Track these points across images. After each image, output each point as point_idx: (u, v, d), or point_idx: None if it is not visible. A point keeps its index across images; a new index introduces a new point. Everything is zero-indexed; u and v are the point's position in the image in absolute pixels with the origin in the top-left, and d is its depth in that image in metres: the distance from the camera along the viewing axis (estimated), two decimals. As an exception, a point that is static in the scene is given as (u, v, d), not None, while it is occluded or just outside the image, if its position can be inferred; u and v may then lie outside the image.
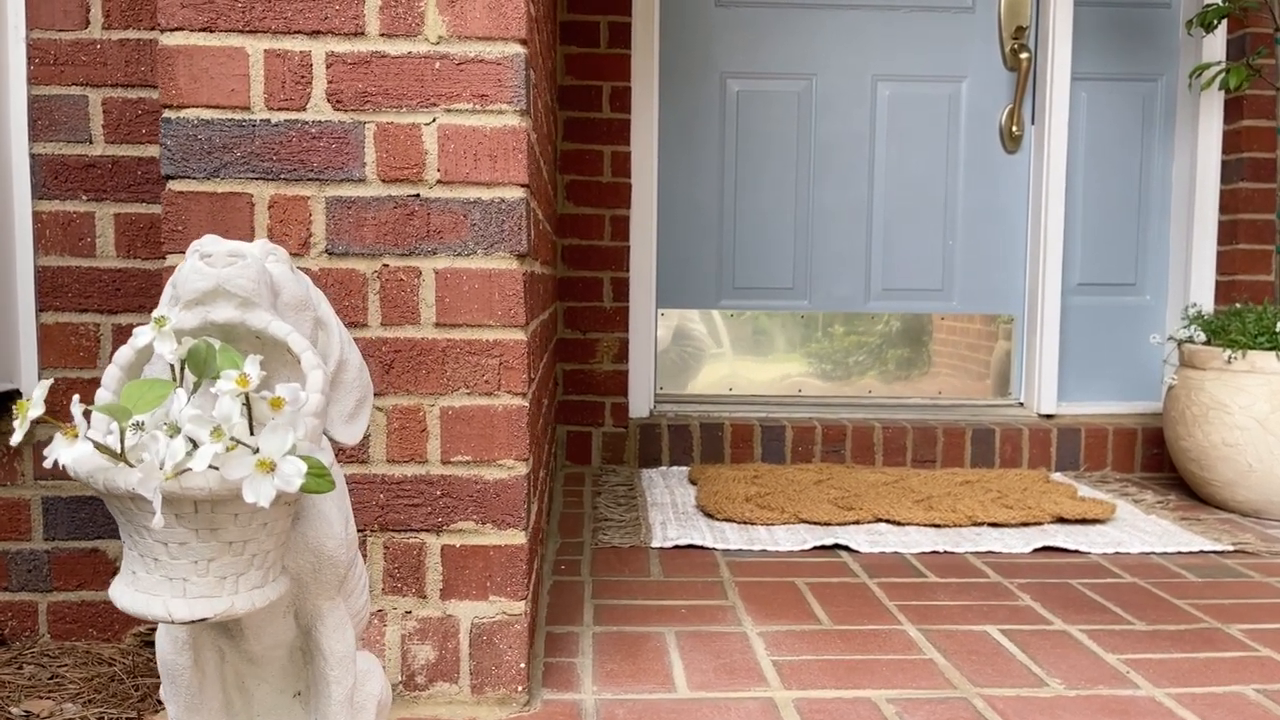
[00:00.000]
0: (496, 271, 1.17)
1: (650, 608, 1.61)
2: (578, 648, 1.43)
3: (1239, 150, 2.75)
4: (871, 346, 2.92)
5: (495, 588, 1.20)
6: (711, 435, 2.70)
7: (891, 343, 2.92)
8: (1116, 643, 1.48)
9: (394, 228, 1.17)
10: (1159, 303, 2.93)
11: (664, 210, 2.85)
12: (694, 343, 2.89)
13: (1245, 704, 1.27)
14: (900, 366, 2.92)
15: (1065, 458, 2.72)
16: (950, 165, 2.89)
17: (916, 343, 2.92)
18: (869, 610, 1.61)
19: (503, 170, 1.17)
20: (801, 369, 2.92)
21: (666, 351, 2.89)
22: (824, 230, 2.90)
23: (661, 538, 2.00)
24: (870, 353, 2.92)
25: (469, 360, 1.18)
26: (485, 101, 1.16)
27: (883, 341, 2.92)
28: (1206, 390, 2.26)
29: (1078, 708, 1.25)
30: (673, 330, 2.89)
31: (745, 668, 1.37)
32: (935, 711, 1.24)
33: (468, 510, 1.19)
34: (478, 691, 1.21)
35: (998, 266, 2.92)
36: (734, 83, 2.85)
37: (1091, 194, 2.90)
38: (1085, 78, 2.86)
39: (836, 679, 1.34)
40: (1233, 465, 2.21)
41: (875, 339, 2.92)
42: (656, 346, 2.87)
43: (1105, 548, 1.98)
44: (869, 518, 2.14)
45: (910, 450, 2.70)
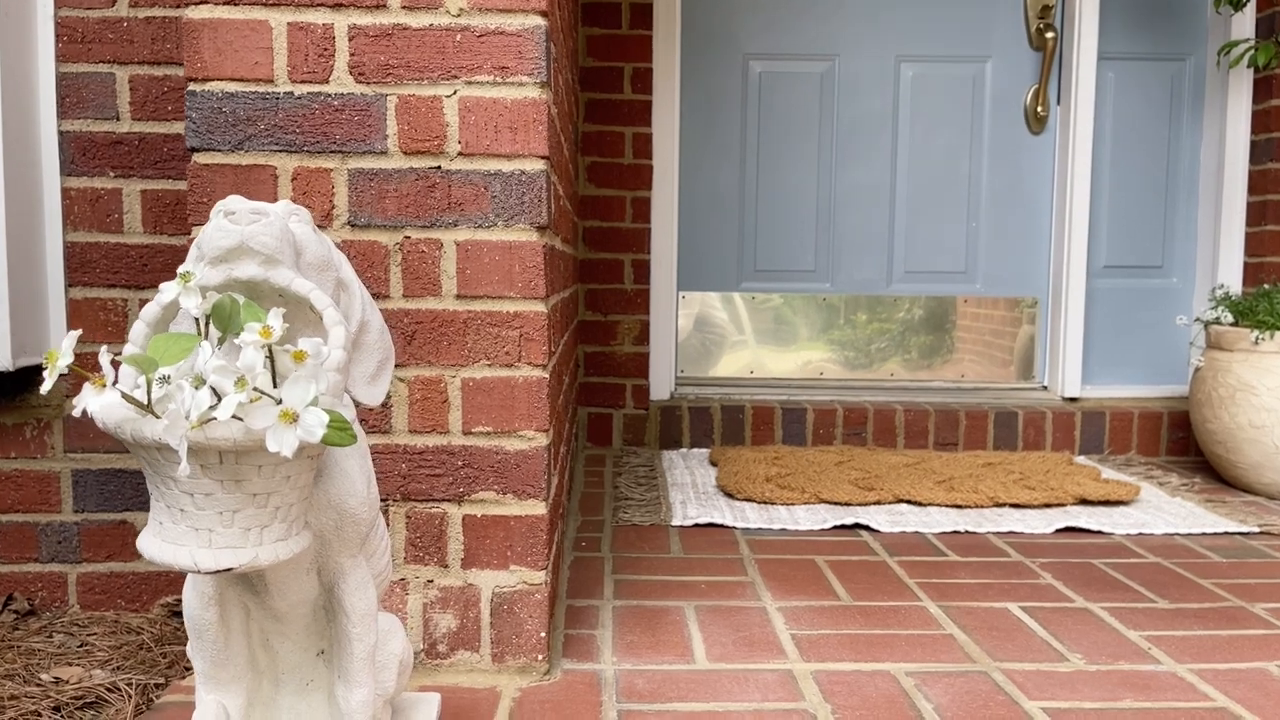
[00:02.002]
0: (517, 244, 1.18)
1: (670, 583, 1.62)
2: (598, 620, 1.44)
3: (1269, 130, 2.71)
4: (893, 330, 2.91)
5: (516, 557, 1.21)
6: (732, 417, 2.70)
7: (914, 326, 2.91)
8: (1139, 620, 1.47)
9: (415, 200, 1.17)
10: (1186, 285, 2.90)
11: (685, 192, 2.85)
12: (715, 326, 2.89)
13: (1269, 680, 1.26)
14: (922, 350, 2.91)
15: (1089, 441, 2.70)
16: (974, 146, 2.87)
17: (939, 326, 2.91)
18: (889, 587, 1.61)
19: (523, 142, 1.17)
20: (823, 352, 2.91)
21: (687, 334, 2.89)
22: (846, 212, 2.88)
23: (682, 516, 2.01)
24: (892, 336, 2.91)
25: (490, 332, 1.18)
26: (506, 73, 1.17)
27: (905, 325, 2.91)
28: (1233, 372, 2.23)
29: (1098, 682, 1.25)
30: (694, 313, 2.89)
31: (764, 641, 1.37)
32: (954, 684, 1.24)
33: (488, 480, 1.20)
34: (498, 660, 1.22)
35: (1022, 249, 2.89)
36: (756, 64, 2.84)
37: (1118, 175, 2.86)
38: (1112, 57, 2.83)
39: (856, 652, 1.34)
40: (1259, 447, 2.19)
41: (897, 322, 2.91)
42: (677, 329, 2.88)
43: (1128, 529, 1.96)
44: (890, 498, 2.14)
45: (932, 433, 2.69)
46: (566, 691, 1.20)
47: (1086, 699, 1.20)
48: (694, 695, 1.20)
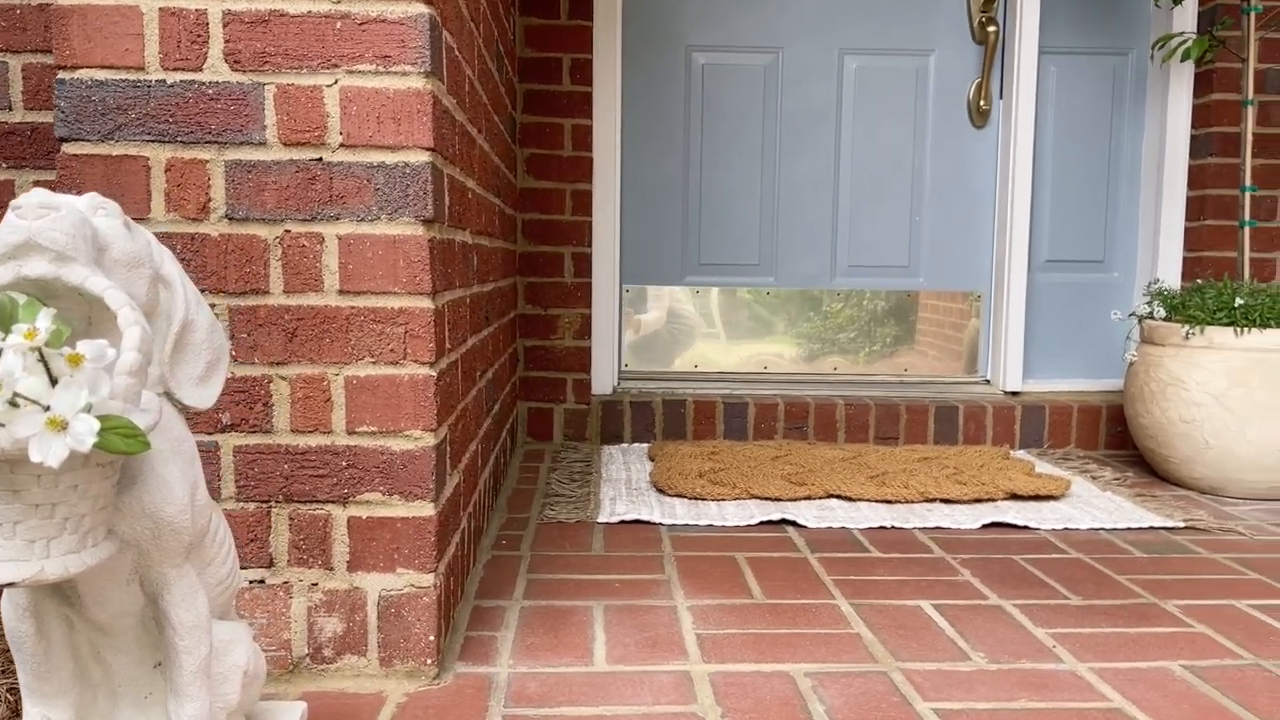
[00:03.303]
0: (401, 238, 1.15)
1: (584, 582, 1.60)
2: (502, 621, 1.42)
3: (1208, 125, 2.72)
4: (838, 324, 2.90)
5: (403, 560, 1.18)
6: (674, 412, 2.68)
7: (858, 320, 2.90)
8: (1048, 618, 1.46)
9: (296, 192, 1.14)
10: (1127, 280, 2.91)
11: (627, 185, 2.82)
12: (659, 319, 2.87)
13: (1169, 679, 1.25)
14: (867, 344, 2.90)
15: (1029, 435, 2.70)
16: (918, 140, 2.86)
17: (883, 320, 2.90)
18: (804, 585, 1.60)
19: (407, 133, 1.14)
20: (767, 346, 2.89)
21: (631, 328, 2.87)
22: (790, 206, 2.86)
23: (609, 513, 1.98)
24: (836, 330, 2.90)
25: (374, 328, 1.15)
26: (388, 63, 1.13)
27: (849, 319, 2.90)
28: (1165, 367, 2.23)
29: (996, 681, 1.24)
30: (637, 307, 2.86)
31: (668, 641, 1.35)
32: (851, 684, 1.23)
33: (374, 481, 1.17)
34: (386, 664, 1.19)
35: (965, 243, 2.89)
36: (699, 55, 2.82)
37: (1060, 169, 2.86)
38: (1054, 51, 2.82)
39: (758, 653, 1.32)
40: (1190, 442, 2.19)
41: (841, 316, 2.89)
42: (620, 323, 2.85)
43: (1055, 524, 1.96)
44: (820, 493, 2.13)
45: (873, 427, 2.68)
46: (454, 696, 1.18)
47: (981, 699, 1.19)
48: (585, 699, 1.18)
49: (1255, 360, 2.10)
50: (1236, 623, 1.45)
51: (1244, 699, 1.19)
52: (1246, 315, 2.12)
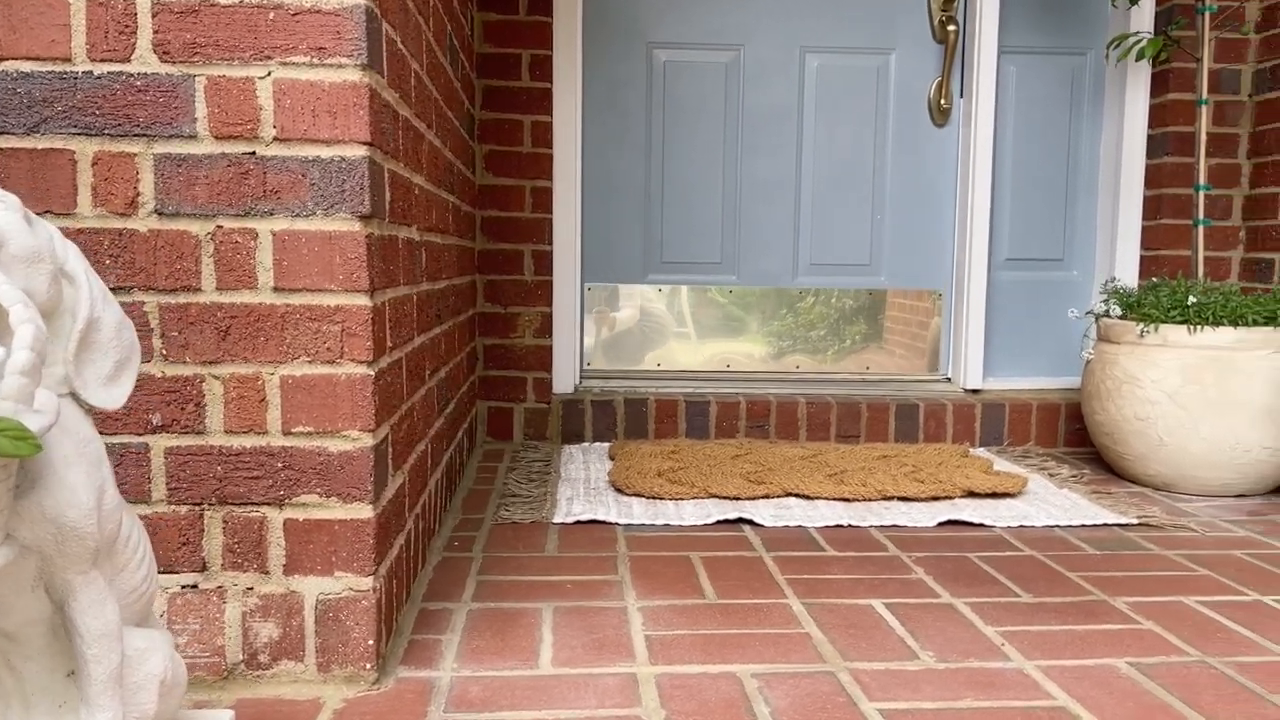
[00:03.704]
0: (338, 234, 1.12)
1: (535, 583, 1.58)
2: (448, 624, 1.39)
3: (1164, 124, 2.74)
4: (800, 322, 2.89)
5: (341, 563, 1.16)
6: (636, 411, 2.67)
7: (820, 319, 2.90)
8: (999, 615, 1.46)
9: (228, 187, 1.11)
10: (1086, 278, 2.93)
11: (589, 182, 2.80)
12: (621, 318, 2.85)
13: (1114, 676, 1.25)
14: (829, 342, 2.90)
15: (989, 433, 2.71)
16: (879, 139, 2.86)
17: (848, 318, 2.90)
18: (757, 584, 1.59)
19: (343, 127, 1.11)
20: (729, 345, 2.89)
21: (592, 326, 2.85)
22: (752, 204, 2.86)
23: (565, 513, 1.97)
24: (799, 329, 2.89)
25: (309, 326, 1.13)
26: (323, 54, 1.11)
27: (811, 317, 2.89)
28: (1120, 364, 2.25)
29: (943, 680, 1.23)
30: (599, 305, 2.84)
31: (616, 643, 1.34)
32: (798, 685, 1.22)
33: (311, 483, 1.15)
34: (324, 670, 1.17)
35: (926, 242, 2.90)
36: (661, 52, 2.80)
37: (1020, 168, 2.88)
38: (1013, 51, 2.83)
39: (707, 654, 1.31)
40: (1144, 439, 2.21)
41: (804, 315, 2.89)
42: (582, 321, 2.83)
43: (1010, 521, 1.97)
44: (779, 492, 2.12)
45: (834, 426, 2.68)
46: (393, 701, 1.15)
47: (927, 699, 1.18)
48: (527, 702, 1.16)
49: (1208, 358, 2.12)
50: (1185, 620, 1.45)
51: (1188, 696, 1.20)
52: (1199, 313, 2.14)
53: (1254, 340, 2.10)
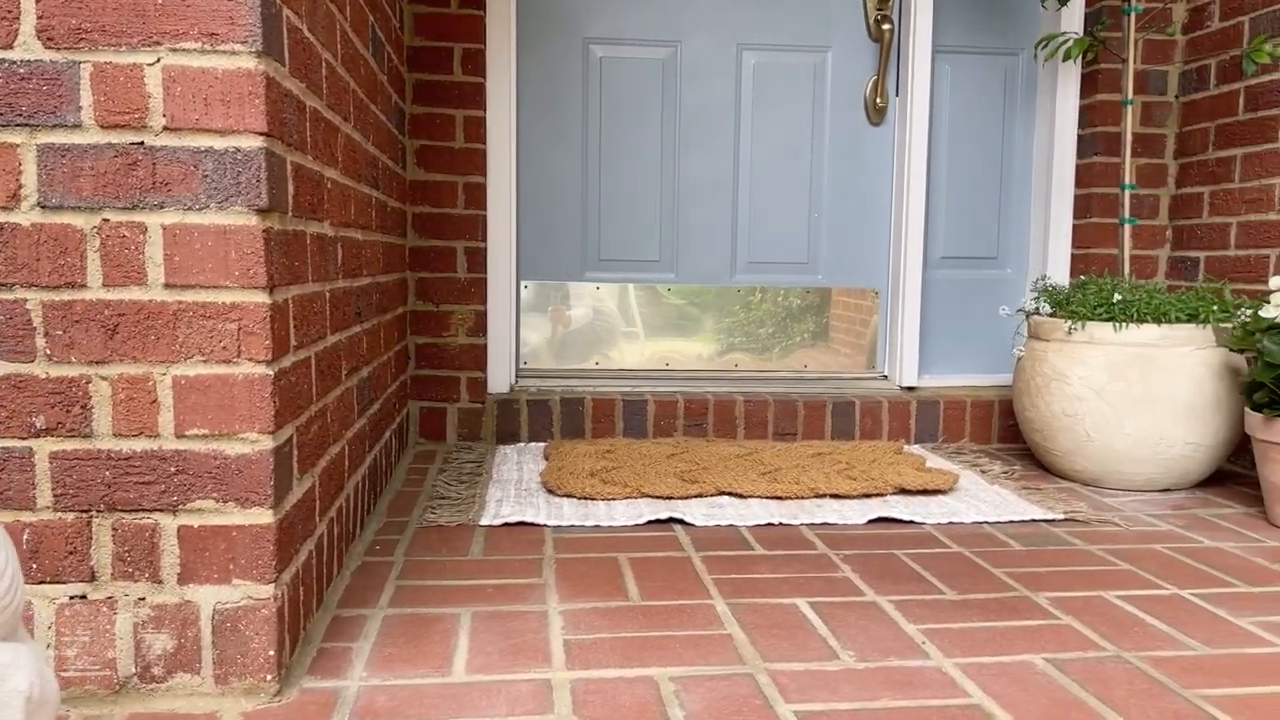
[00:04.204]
0: (233, 228, 1.08)
1: (456, 588, 1.54)
2: (361, 631, 1.35)
3: (1094, 124, 2.78)
4: (739, 320, 2.88)
5: (239, 571, 1.11)
6: (572, 410, 2.64)
7: (759, 317, 2.89)
8: (922, 613, 1.46)
9: (115, 179, 1.06)
10: (1020, 276, 2.96)
11: (524, 179, 2.77)
12: (558, 316, 2.82)
13: (1030, 673, 1.25)
14: (767, 340, 2.90)
15: (924, 430, 2.73)
16: (816, 137, 2.86)
17: (783, 317, 2.90)
18: (683, 585, 1.57)
19: (237, 117, 1.07)
20: (668, 343, 2.87)
21: (529, 325, 2.81)
22: (690, 202, 2.84)
23: (493, 515, 1.93)
24: (737, 327, 2.88)
25: (203, 325, 1.08)
26: (216, 40, 1.06)
27: (749, 316, 2.89)
28: (1049, 361, 2.27)
29: (861, 680, 1.22)
30: (536, 303, 2.81)
31: (533, 648, 1.31)
32: (715, 688, 1.20)
33: (206, 488, 1.10)
34: (222, 682, 1.13)
35: (863, 240, 2.90)
36: (597, 48, 2.77)
37: (954, 167, 2.90)
38: (947, 50, 2.85)
39: (625, 657, 1.29)
40: (1072, 435, 2.23)
41: (742, 313, 2.88)
42: (518, 320, 2.79)
43: (940, 518, 1.97)
44: (712, 491, 2.10)
45: (771, 424, 2.68)
46: (295, 713, 1.11)
47: (844, 699, 1.17)
48: (437, 711, 1.13)
49: (1133, 355, 2.14)
50: (1103, 614, 1.46)
51: (1102, 692, 1.20)
52: (1124, 311, 2.17)
53: (1177, 337, 2.13)
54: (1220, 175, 2.58)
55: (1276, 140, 2.39)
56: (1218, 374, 2.13)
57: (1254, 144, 2.46)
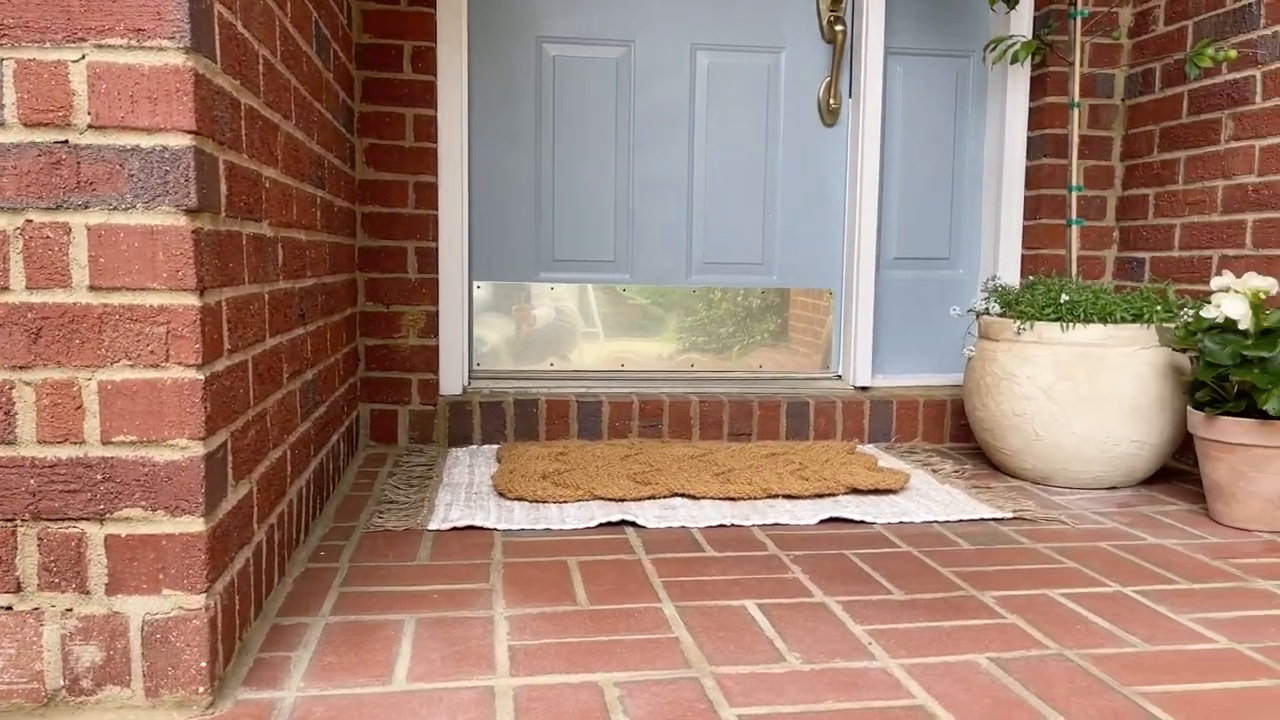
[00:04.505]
0: (160, 228, 1.05)
1: (401, 594, 1.52)
2: (301, 640, 1.33)
3: (1043, 127, 2.81)
4: (694, 321, 2.88)
5: (170, 581, 1.08)
6: (526, 412, 2.62)
7: (713, 317, 2.89)
8: (869, 614, 1.46)
9: (38, 178, 1.03)
10: (971, 276, 2.99)
11: (476, 178, 2.74)
12: (512, 317, 2.80)
13: (974, 673, 1.26)
14: (723, 341, 2.90)
15: (878, 429, 2.74)
16: (770, 138, 2.87)
17: (739, 317, 2.90)
18: (632, 588, 1.56)
19: (165, 115, 1.04)
20: (623, 344, 2.86)
21: (482, 326, 2.79)
22: (645, 202, 2.83)
23: (441, 519, 1.91)
24: (693, 327, 2.88)
25: (130, 328, 1.05)
26: (143, 36, 1.03)
27: (704, 316, 2.89)
28: (999, 361, 2.29)
29: (806, 682, 1.22)
30: (489, 304, 2.78)
31: (478, 655, 1.29)
32: (660, 693, 1.19)
33: (135, 496, 1.07)
34: (153, 694, 1.10)
35: (817, 241, 2.91)
36: (551, 47, 2.75)
37: (907, 168, 2.92)
38: (900, 52, 2.87)
39: (571, 663, 1.27)
40: (1021, 434, 2.25)
41: (698, 313, 2.88)
42: (470, 320, 2.77)
43: (891, 517, 1.98)
44: (665, 492, 2.10)
45: (726, 424, 2.68)
46: (229, 726, 1.09)
47: (789, 702, 1.17)
48: (375, 722, 1.11)
49: (1079, 354, 2.17)
50: (1047, 612, 1.47)
51: (1042, 690, 1.21)
52: (1071, 311, 2.19)
53: (1122, 337, 2.15)
54: (1165, 177, 2.63)
55: (1219, 143, 2.43)
56: (1162, 373, 2.16)
57: (1197, 147, 2.50)
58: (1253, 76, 2.32)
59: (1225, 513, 1.96)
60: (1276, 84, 2.25)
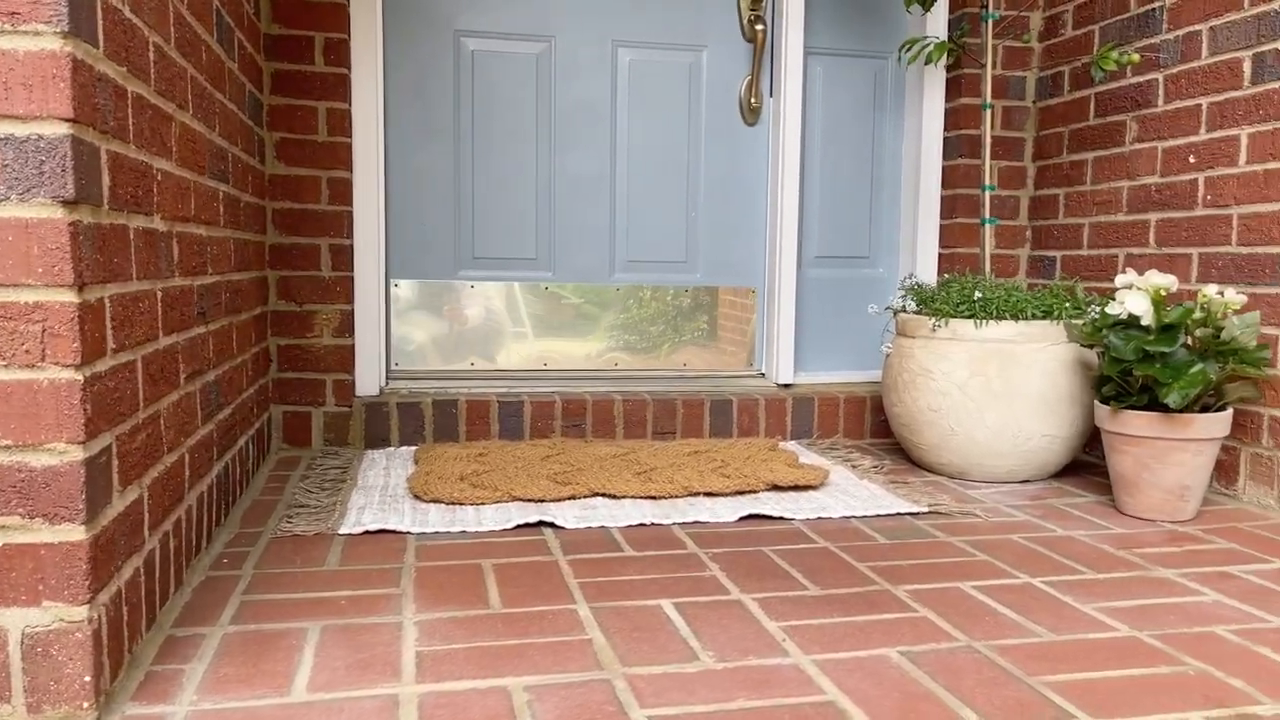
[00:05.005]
0: (35, 221, 0.99)
1: (306, 601, 1.47)
2: (197, 652, 1.27)
3: (958, 127, 2.86)
4: (617, 319, 2.87)
5: (50, 592, 1.03)
6: (445, 413, 2.57)
7: (638, 316, 2.88)
8: (785, 610, 1.46)
9: (-103, 166, 0.96)
10: (891, 275, 3.03)
11: (394, 174, 2.68)
12: (434, 316, 2.75)
13: (885, 667, 1.26)
14: (647, 339, 2.89)
15: (800, 426, 2.76)
16: (693, 136, 2.87)
17: (663, 315, 2.89)
18: (548, 590, 1.53)
19: (40, 102, 0.99)
20: (546, 343, 2.83)
21: (401, 325, 2.73)
22: (567, 200, 2.81)
23: (353, 523, 1.86)
24: (617, 325, 2.86)
25: (4, 326, 0.99)
26: (17, 20, 0.98)
27: (628, 314, 2.87)
28: (916, 358, 2.32)
29: (718, 681, 1.21)
30: (408, 302, 2.73)
31: (383, 662, 1.25)
32: (570, 696, 1.17)
33: (11, 503, 1.01)
34: (34, 710, 1.04)
35: (741, 239, 2.92)
36: (469, 41, 2.71)
37: (828, 167, 2.94)
38: (819, 52, 2.90)
39: (480, 668, 1.24)
40: (937, 429, 2.29)
41: (621, 312, 2.87)
42: (388, 320, 2.71)
43: (810, 514, 1.99)
44: (585, 492, 2.08)
45: (650, 423, 2.67)
46: (113, 744, 1.03)
47: (700, 702, 1.16)
48: (271, 735, 1.07)
49: (992, 351, 2.21)
50: (958, 605, 1.49)
51: (951, 683, 1.22)
52: (984, 308, 2.23)
53: (1032, 333, 2.20)
54: (1074, 178, 2.69)
55: (1124, 145, 2.50)
56: (1071, 369, 2.22)
57: (1104, 148, 2.57)
58: (1155, 80, 2.40)
59: (1130, 504, 2.01)
60: (1178, 87, 2.33)
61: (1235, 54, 2.16)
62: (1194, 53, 2.28)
